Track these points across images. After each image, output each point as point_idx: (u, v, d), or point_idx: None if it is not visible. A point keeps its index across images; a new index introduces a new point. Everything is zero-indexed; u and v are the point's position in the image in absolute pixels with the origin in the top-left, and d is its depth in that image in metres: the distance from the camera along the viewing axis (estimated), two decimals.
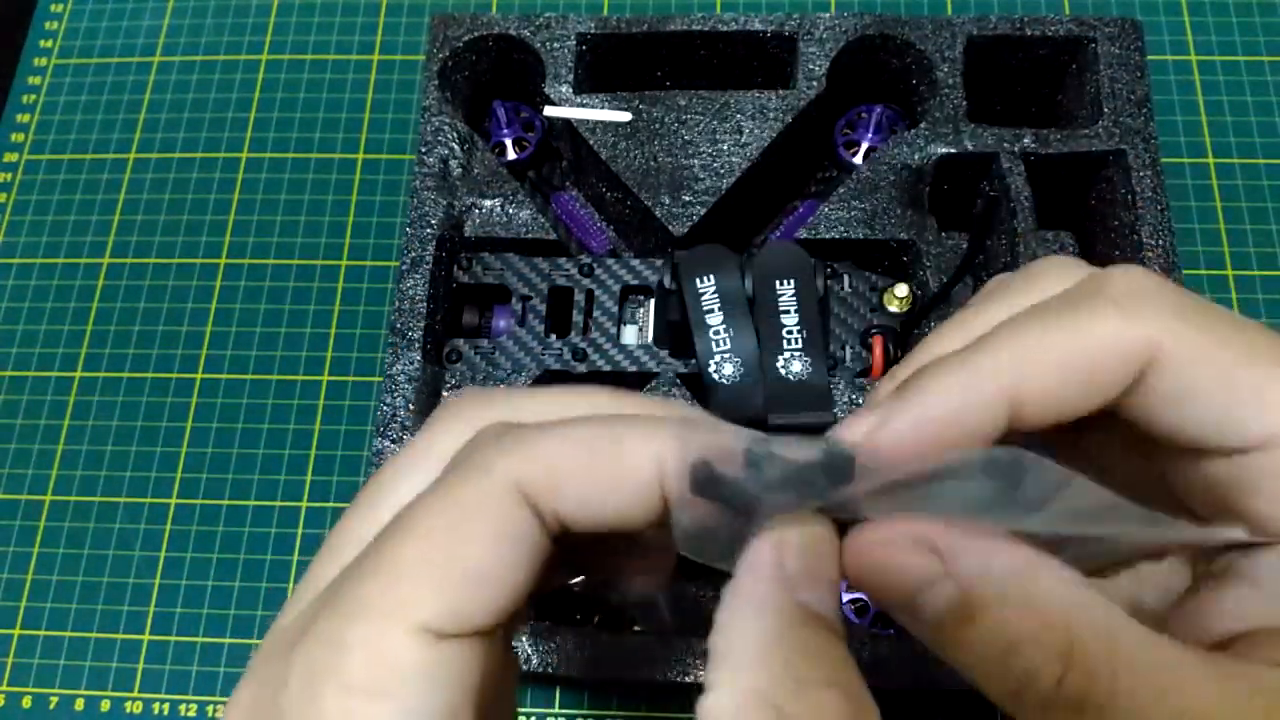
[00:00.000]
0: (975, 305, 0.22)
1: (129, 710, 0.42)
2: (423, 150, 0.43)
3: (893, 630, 0.39)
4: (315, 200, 0.50)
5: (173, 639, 0.43)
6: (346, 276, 0.48)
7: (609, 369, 0.40)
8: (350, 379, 0.47)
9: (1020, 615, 0.17)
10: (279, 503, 0.45)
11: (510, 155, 0.46)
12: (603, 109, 0.43)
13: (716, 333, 0.38)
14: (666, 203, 0.42)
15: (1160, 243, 0.40)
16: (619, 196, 0.43)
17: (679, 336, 0.39)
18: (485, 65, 0.45)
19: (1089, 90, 0.43)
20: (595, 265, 0.42)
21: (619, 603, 0.40)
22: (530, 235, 0.42)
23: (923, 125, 0.42)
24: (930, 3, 0.53)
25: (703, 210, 0.41)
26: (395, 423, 0.38)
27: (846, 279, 0.42)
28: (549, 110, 0.43)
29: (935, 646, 0.18)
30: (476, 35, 0.44)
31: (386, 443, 0.38)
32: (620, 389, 0.21)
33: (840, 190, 0.42)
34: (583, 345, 0.40)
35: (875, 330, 0.41)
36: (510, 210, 0.42)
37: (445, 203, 0.42)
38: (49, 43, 0.54)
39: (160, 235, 0.50)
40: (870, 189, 0.42)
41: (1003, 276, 0.22)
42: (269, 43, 0.53)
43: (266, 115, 0.52)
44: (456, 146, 0.43)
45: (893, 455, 0.18)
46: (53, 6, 0.55)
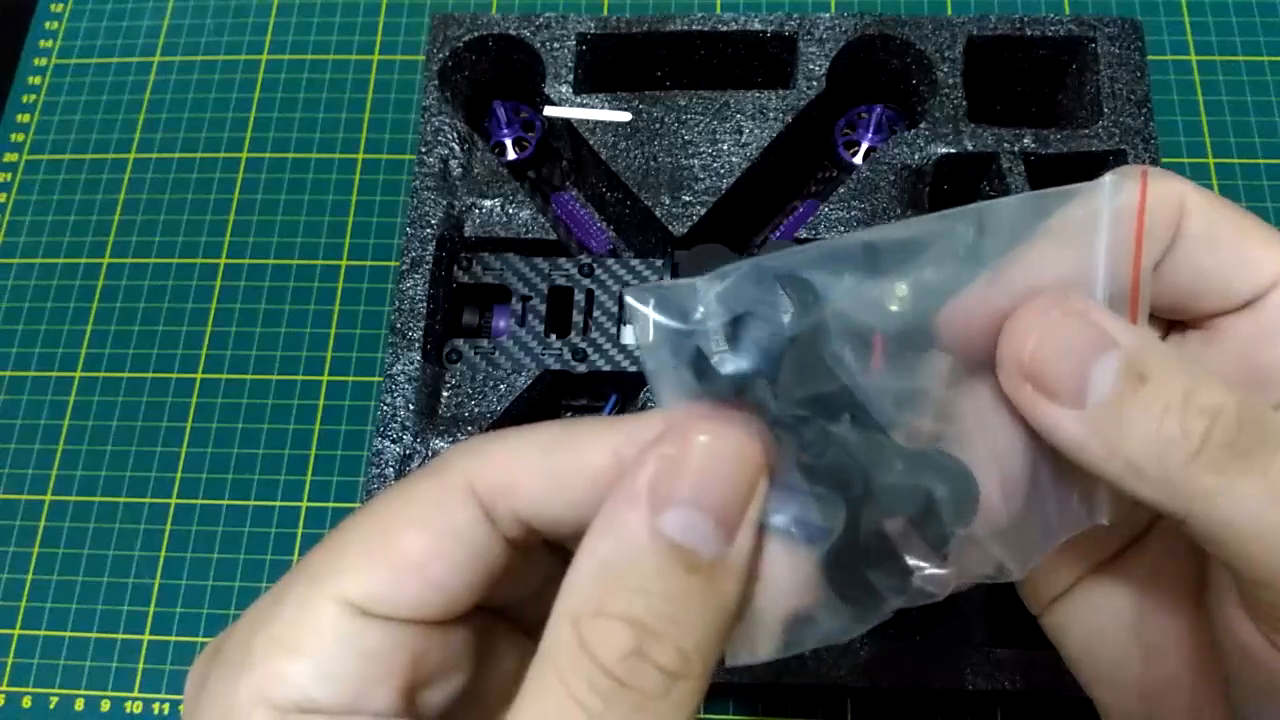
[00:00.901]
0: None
1: (129, 710, 0.42)
2: (423, 150, 0.43)
3: (893, 631, 0.39)
4: (315, 200, 0.50)
5: (173, 639, 0.43)
6: (346, 276, 0.48)
7: (609, 369, 0.40)
8: (350, 379, 0.47)
9: (1187, 366, 0.18)
10: (279, 503, 0.45)
11: (510, 155, 0.46)
12: (603, 109, 0.43)
13: None
14: (666, 203, 0.42)
15: None
16: (619, 196, 0.43)
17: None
18: (485, 65, 0.45)
19: (1089, 90, 0.43)
20: (595, 265, 0.42)
21: None
22: (530, 235, 0.42)
23: (923, 125, 0.42)
24: (930, 3, 0.53)
25: (703, 210, 0.41)
26: (395, 423, 0.38)
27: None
28: (549, 110, 0.43)
29: (1098, 431, 0.18)
30: (476, 35, 0.44)
31: (386, 443, 0.38)
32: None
33: (840, 190, 0.42)
34: (583, 345, 0.40)
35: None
36: (510, 210, 0.42)
37: (445, 203, 0.42)
38: (49, 43, 0.54)
39: (160, 235, 0.50)
40: (870, 189, 0.42)
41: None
42: (269, 43, 0.53)
43: (266, 115, 0.52)
44: (456, 146, 0.43)
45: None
46: (53, 6, 0.55)
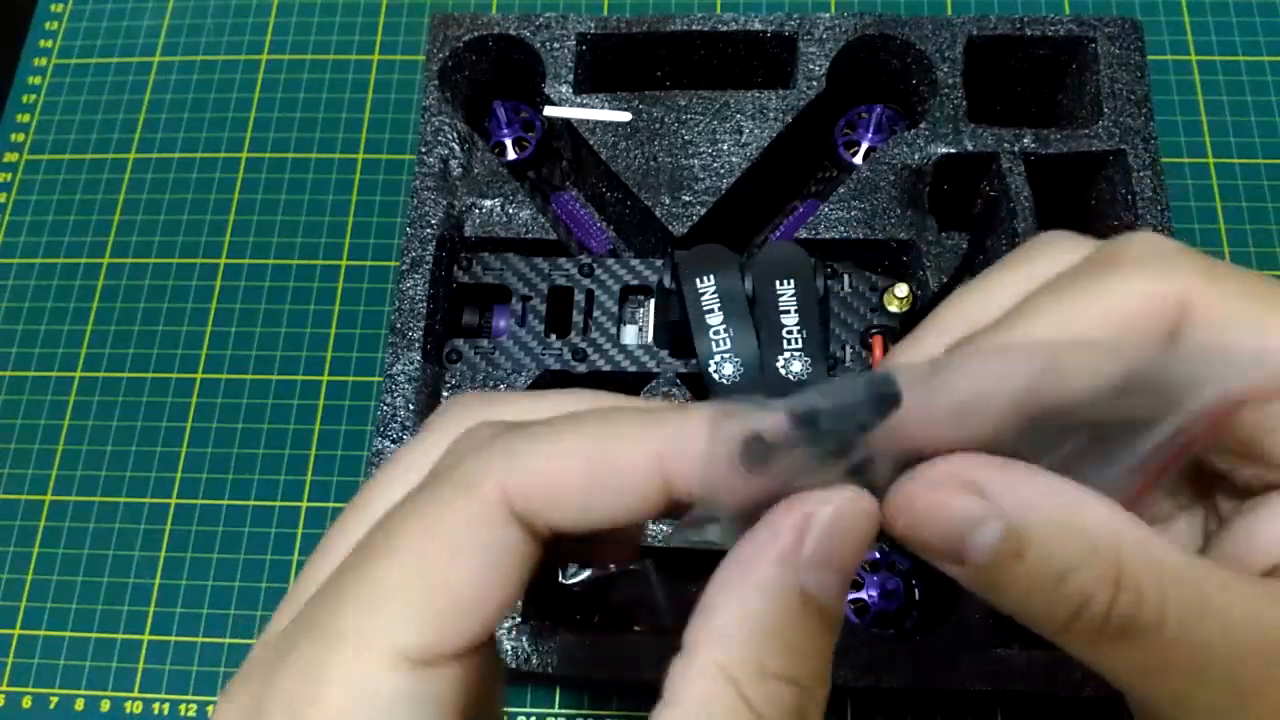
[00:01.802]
0: (988, 276, 0.21)
1: (129, 710, 0.42)
2: (423, 150, 0.43)
3: (893, 631, 0.39)
4: (315, 200, 0.50)
5: (173, 639, 0.43)
6: (346, 276, 0.48)
7: (609, 369, 0.40)
8: (350, 379, 0.47)
9: (1069, 543, 0.17)
10: (279, 503, 0.45)
11: (510, 155, 0.46)
12: (603, 109, 0.43)
13: (716, 333, 0.38)
14: (666, 203, 0.42)
15: None
16: (619, 196, 0.43)
17: (679, 336, 0.39)
18: (485, 65, 0.45)
19: (1089, 90, 0.43)
20: (595, 265, 0.42)
21: (617, 599, 0.40)
22: (530, 235, 0.42)
23: (923, 125, 0.42)
24: (930, 3, 0.53)
25: (703, 210, 0.41)
26: (395, 423, 0.38)
27: (846, 279, 0.42)
28: (549, 110, 0.43)
29: (985, 589, 0.18)
30: (476, 35, 0.44)
31: (386, 443, 0.38)
32: (619, 395, 0.20)
33: (840, 190, 0.42)
34: (583, 345, 0.40)
35: (875, 330, 0.41)
36: (510, 210, 0.42)
37: (445, 203, 0.42)
38: (49, 43, 0.54)
39: (160, 235, 0.50)
40: (870, 189, 0.42)
41: (1009, 256, 0.22)
42: (269, 43, 0.53)
43: (266, 115, 0.52)
44: (456, 146, 0.43)
45: (918, 432, 0.18)
46: (53, 6, 0.55)
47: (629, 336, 0.42)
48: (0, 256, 0.50)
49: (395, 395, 0.39)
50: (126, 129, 0.52)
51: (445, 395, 0.40)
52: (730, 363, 0.37)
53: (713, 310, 0.38)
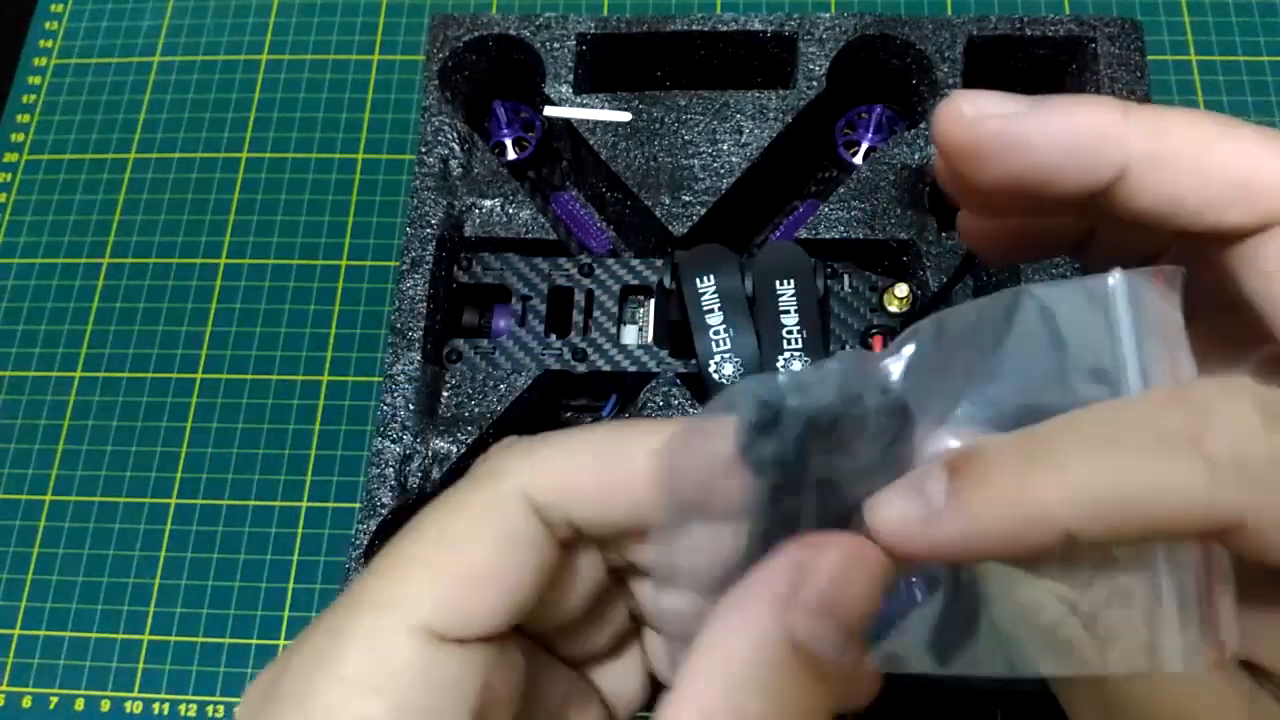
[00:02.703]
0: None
1: (129, 710, 0.42)
2: (423, 150, 0.43)
3: None
4: (315, 200, 0.50)
5: (173, 639, 0.43)
6: (346, 276, 0.48)
7: (609, 369, 0.40)
8: (350, 379, 0.47)
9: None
10: (279, 503, 0.45)
11: (510, 155, 0.46)
12: (603, 109, 0.43)
13: (716, 333, 0.38)
14: (666, 203, 0.42)
15: None
16: (619, 196, 0.43)
17: (679, 336, 0.39)
18: (485, 65, 0.45)
19: (1089, 90, 0.43)
20: (595, 265, 0.42)
21: None
22: (530, 235, 0.42)
23: (923, 125, 0.42)
24: (930, 3, 0.53)
25: (703, 210, 0.41)
26: (395, 423, 0.38)
27: (846, 279, 0.42)
28: (549, 110, 0.43)
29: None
30: (476, 35, 0.44)
31: (386, 443, 0.38)
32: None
33: (840, 190, 0.42)
34: (583, 345, 0.40)
35: (875, 330, 0.41)
36: (510, 210, 0.42)
37: (445, 203, 0.42)
38: (49, 43, 0.54)
39: (160, 235, 0.50)
40: (870, 189, 0.42)
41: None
42: (269, 43, 0.53)
43: (266, 115, 0.52)
44: (456, 146, 0.43)
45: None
46: (53, 6, 0.55)
47: (629, 336, 0.42)
48: (0, 256, 0.50)
49: (395, 395, 0.39)
50: (126, 129, 0.52)
51: (445, 395, 0.40)
52: (730, 363, 0.37)
53: (713, 310, 0.38)
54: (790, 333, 0.38)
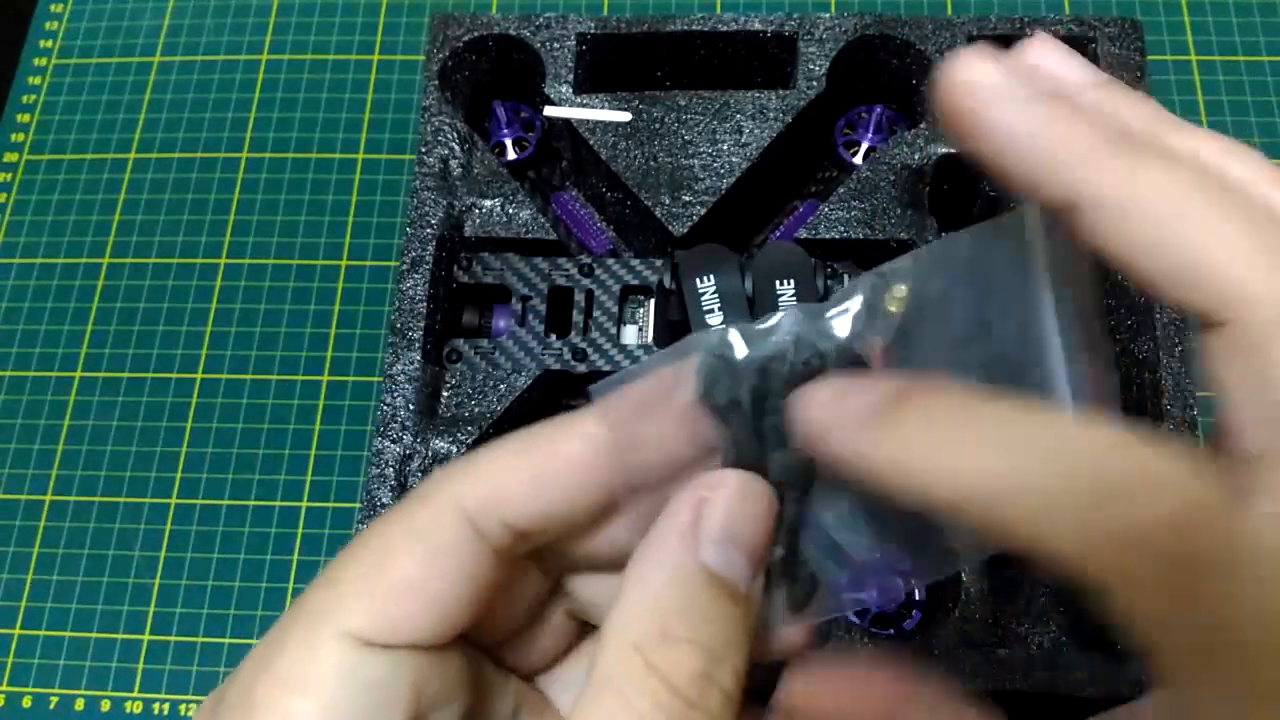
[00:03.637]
0: None
1: (129, 710, 0.42)
2: (423, 150, 0.43)
3: (892, 631, 0.39)
4: (315, 200, 0.50)
5: (173, 639, 0.43)
6: (346, 276, 0.48)
7: (609, 369, 0.40)
8: (350, 379, 0.47)
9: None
10: (279, 503, 0.45)
11: (510, 155, 0.46)
12: (603, 109, 0.43)
13: None
14: (666, 203, 0.42)
15: None
16: (619, 196, 0.43)
17: (679, 336, 0.39)
18: (485, 65, 0.45)
19: None
20: (595, 265, 0.42)
21: None
22: (530, 235, 0.42)
23: (923, 125, 0.42)
24: (930, 3, 0.53)
25: (703, 210, 0.41)
26: (395, 423, 0.38)
27: (846, 279, 0.42)
28: (549, 110, 0.43)
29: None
30: (476, 35, 0.44)
31: (386, 443, 0.38)
32: None
33: (840, 190, 0.42)
34: (583, 345, 0.40)
35: None
36: (510, 210, 0.42)
37: (445, 203, 0.42)
38: (49, 43, 0.54)
39: (160, 235, 0.50)
40: (870, 189, 0.42)
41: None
42: (269, 43, 0.53)
43: (266, 115, 0.52)
44: (456, 146, 0.43)
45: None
46: (53, 6, 0.55)
47: (629, 336, 0.42)
48: (0, 256, 0.50)
49: (395, 395, 0.39)
50: (126, 129, 0.52)
51: (445, 395, 0.40)
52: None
53: (713, 310, 0.38)
54: None
